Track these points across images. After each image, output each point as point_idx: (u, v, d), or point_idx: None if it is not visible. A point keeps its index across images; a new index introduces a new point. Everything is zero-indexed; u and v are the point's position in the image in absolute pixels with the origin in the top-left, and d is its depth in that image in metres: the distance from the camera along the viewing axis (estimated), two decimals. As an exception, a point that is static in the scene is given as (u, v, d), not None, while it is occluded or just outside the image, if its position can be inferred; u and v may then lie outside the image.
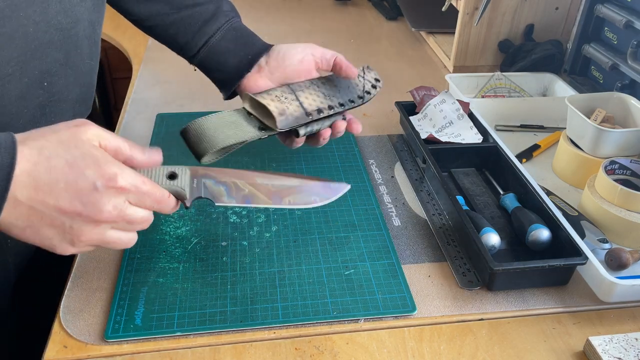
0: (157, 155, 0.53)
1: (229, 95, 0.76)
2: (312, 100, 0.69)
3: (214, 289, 0.63)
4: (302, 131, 0.68)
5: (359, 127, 0.73)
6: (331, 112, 0.69)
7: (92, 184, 0.46)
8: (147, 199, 0.50)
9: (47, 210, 0.46)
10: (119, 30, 1.36)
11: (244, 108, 0.69)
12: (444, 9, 1.21)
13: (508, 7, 1.13)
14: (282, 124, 0.65)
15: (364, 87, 0.75)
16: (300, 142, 0.72)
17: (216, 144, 0.63)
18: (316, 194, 0.63)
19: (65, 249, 0.49)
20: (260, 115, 0.67)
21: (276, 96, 0.67)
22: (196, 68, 0.78)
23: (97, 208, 0.47)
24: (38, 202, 0.45)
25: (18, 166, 0.44)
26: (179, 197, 0.55)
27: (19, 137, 0.46)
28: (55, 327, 0.59)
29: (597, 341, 0.56)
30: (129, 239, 0.52)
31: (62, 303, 0.61)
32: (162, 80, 1.10)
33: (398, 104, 0.93)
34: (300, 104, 0.68)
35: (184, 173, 0.55)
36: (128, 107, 1.00)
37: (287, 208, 0.67)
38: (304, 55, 0.71)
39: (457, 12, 1.15)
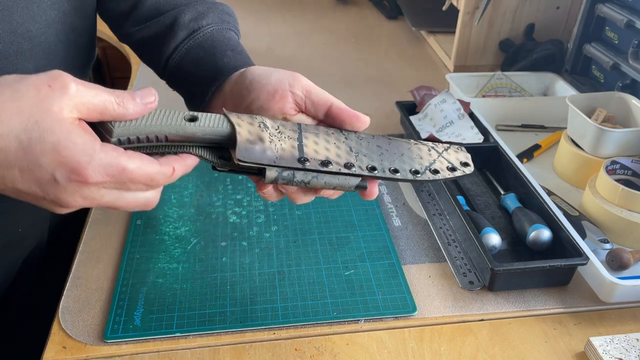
0: (150, 97, 0.42)
1: None
2: (324, 148, 0.47)
3: (214, 289, 0.63)
4: (272, 173, 0.45)
5: None
6: (346, 170, 0.46)
7: (51, 176, 0.38)
8: (132, 185, 0.40)
9: (6, 188, 0.39)
10: (118, 30, 1.35)
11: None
12: (444, 8, 1.21)
13: (509, 7, 1.12)
14: (242, 153, 0.44)
15: (432, 163, 0.50)
16: (269, 192, 0.49)
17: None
18: None
19: (57, 210, 0.41)
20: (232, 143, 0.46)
21: (263, 125, 0.46)
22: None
23: (61, 199, 0.39)
24: None
25: None
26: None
27: None
28: (54, 327, 0.58)
29: (598, 342, 0.56)
30: (144, 198, 0.42)
31: (61, 303, 0.61)
32: (161, 80, 1.10)
33: (398, 103, 0.93)
34: (300, 146, 0.46)
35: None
36: (128, 107, 1.00)
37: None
38: (277, 87, 0.50)
39: (457, 11, 1.14)
